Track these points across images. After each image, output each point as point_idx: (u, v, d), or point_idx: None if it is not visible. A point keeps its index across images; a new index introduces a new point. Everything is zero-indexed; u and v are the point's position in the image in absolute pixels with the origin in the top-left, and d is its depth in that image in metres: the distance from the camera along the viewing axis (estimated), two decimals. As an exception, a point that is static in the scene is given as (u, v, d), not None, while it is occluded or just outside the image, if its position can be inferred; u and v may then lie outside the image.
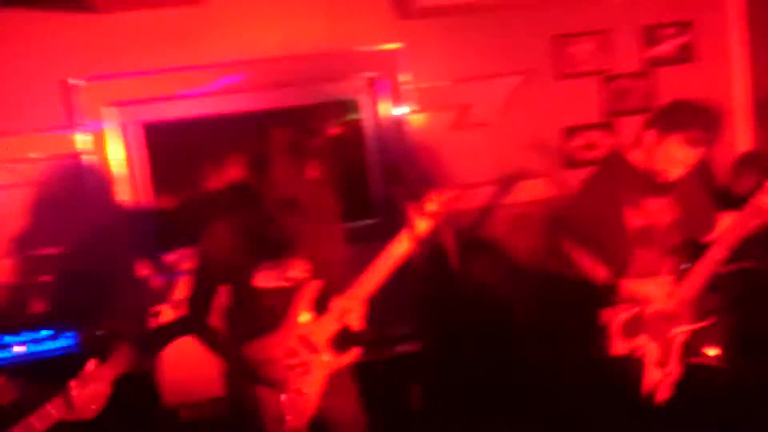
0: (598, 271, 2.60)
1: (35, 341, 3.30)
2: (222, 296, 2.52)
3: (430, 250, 2.42)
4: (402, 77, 4.09)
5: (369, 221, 4.09)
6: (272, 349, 2.42)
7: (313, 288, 2.45)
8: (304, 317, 2.45)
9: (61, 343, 3.32)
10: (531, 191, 4.21)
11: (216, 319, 2.52)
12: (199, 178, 4.00)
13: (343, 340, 2.49)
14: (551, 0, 4.14)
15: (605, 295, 2.61)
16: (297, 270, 2.47)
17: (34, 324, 3.38)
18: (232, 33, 3.90)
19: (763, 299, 3.46)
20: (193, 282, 2.51)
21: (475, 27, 4.16)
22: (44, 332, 3.34)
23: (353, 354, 2.50)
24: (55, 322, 3.39)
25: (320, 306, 2.46)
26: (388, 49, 4.06)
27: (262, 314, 2.44)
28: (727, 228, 2.64)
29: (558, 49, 4.28)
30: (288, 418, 2.34)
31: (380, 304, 2.54)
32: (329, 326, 2.45)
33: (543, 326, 3.65)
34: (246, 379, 2.44)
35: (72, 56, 3.73)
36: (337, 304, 2.43)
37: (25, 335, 3.31)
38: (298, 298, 2.44)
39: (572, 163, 4.34)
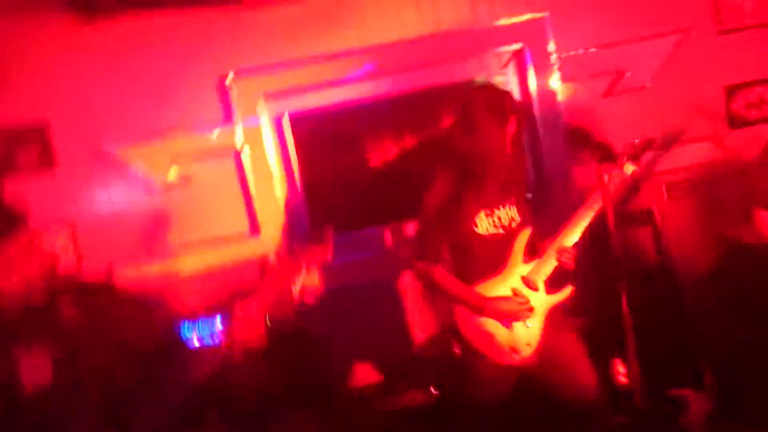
0: None
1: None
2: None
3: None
4: (549, 47, 3.94)
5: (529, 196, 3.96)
6: (497, 288, 2.71)
7: (526, 233, 2.76)
8: (523, 259, 2.76)
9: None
10: (695, 155, 3.97)
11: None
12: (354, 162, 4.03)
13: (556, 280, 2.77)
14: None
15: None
16: (510, 217, 2.79)
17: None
18: (372, 17, 3.89)
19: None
20: (421, 232, 2.81)
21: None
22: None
23: (568, 291, 2.76)
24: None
25: (531, 249, 2.78)
26: (532, 19, 3.92)
27: (484, 258, 2.74)
28: None
29: (719, 1, 3.99)
30: (518, 350, 2.66)
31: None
32: (546, 267, 2.74)
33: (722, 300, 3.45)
34: (475, 314, 2.68)
35: (222, 53, 3.82)
36: (551, 246, 2.73)
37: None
38: (516, 242, 2.74)
39: (738, 123, 4.04)
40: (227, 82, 3.79)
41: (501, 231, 2.77)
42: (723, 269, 3.36)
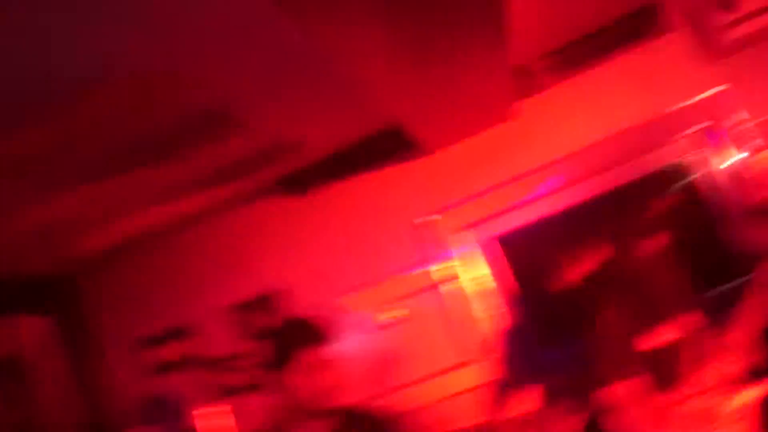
0: None
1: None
2: None
3: None
4: (731, 121, 3.83)
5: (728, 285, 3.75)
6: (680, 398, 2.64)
7: (692, 344, 2.72)
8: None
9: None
10: None
11: None
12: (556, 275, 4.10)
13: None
14: None
15: None
16: (667, 331, 2.77)
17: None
18: (545, 135, 4.05)
19: None
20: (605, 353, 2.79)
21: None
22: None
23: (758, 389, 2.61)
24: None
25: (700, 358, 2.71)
26: (709, 96, 3.85)
27: (660, 372, 2.68)
28: None
29: None
30: None
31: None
32: (722, 368, 2.66)
33: None
34: None
35: (414, 198, 4.18)
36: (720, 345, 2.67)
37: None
38: (684, 352, 2.71)
39: None
40: (418, 222, 4.12)
41: (664, 344, 2.78)
42: None
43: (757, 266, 2.66)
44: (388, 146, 3.95)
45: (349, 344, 4.14)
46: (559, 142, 4.03)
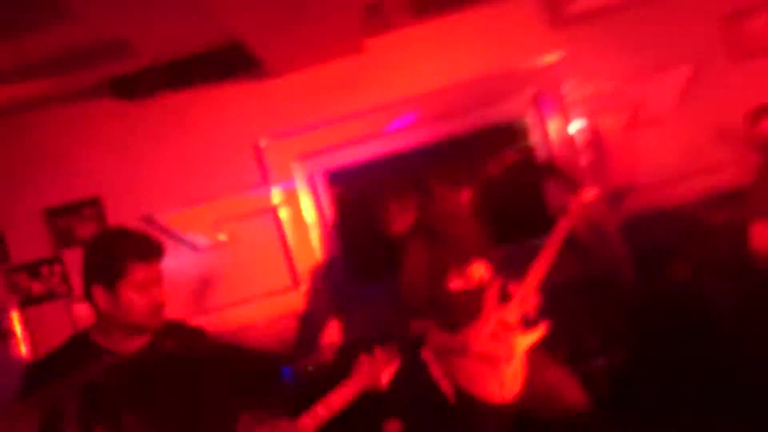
0: None
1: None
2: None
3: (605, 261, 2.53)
4: (566, 87, 4.07)
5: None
6: (477, 335, 2.88)
7: (496, 283, 2.94)
8: (497, 306, 2.92)
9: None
10: (721, 181, 3.99)
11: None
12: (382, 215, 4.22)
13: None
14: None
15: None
16: (481, 271, 2.98)
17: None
18: (392, 74, 4.12)
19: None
20: (407, 295, 3.00)
21: (635, 22, 4.05)
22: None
23: (542, 329, 2.91)
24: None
25: (502, 295, 2.95)
26: (548, 62, 4.07)
27: (461, 311, 2.93)
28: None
29: (728, 29, 4.05)
30: (506, 387, 2.80)
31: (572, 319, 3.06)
32: (516, 310, 2.91)
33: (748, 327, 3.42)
34: (462, 364, 2.86)
35: (256, 120, 4.11)
36: (518, 292, 2.92)
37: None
38: (488, 292, 2.91)
39: (763, 146, 4.03)
40: (261, 145, 4.08)
41: (472, 285, 2.98)
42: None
43: (554, 225, 2.89)
44: (232, 62, 3.83)
45: (175, 261, 4.09)
46: (403, 83, 4.11)
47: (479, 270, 3.02)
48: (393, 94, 4.11)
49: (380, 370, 2.55)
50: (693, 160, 4.03)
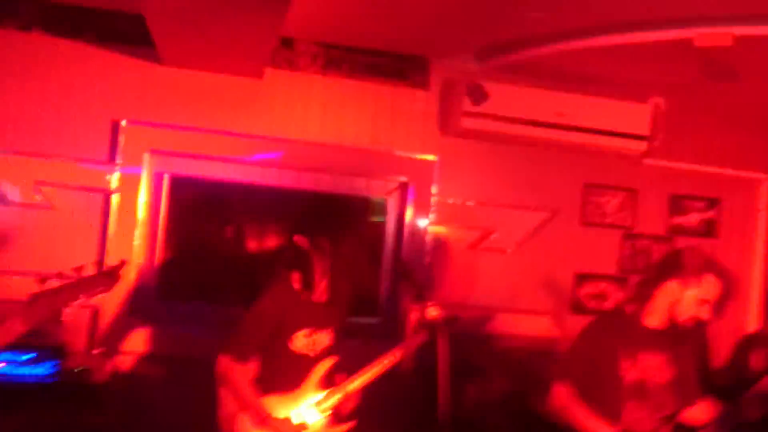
0: (593, 425, 2.55)
1: (16, 363, 3.28)
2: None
3: (424, 363, 2.54)
4: (434, 188, 4.19)
5: (373, 319, 4.11)
6: (285, 406, 2.80)
7: (329, 362, 2.86)
8: (318, 386, 2.85)
9: (40, 370, 3.30)
10: (535, 327, 4.23)
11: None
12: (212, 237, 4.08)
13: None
14: (587, 151, 4.24)
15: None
16: (323, 340, 2.89)
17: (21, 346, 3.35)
18: (280, 111, 4.04)
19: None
20: (245, 327, 2.84)
21: (513, 157, 4.30)
22: (26, 356, 3.31)
23: (348, 426, 2.89)
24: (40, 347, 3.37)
25: (329, 379, 2.88)
26: (425, 159, 4.18)
27: (286, 374, 2.84)
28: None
29: (587, 196, 4.40)
30: None
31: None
32: (332, 402, 2.84)
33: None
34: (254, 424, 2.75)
35: (127, 98, 3.86)
36: (342, 384, 2.85)
37: (6, 355, 3.29)
38: (317, 368, 2.83)
39: (579, 309, 4.35)
40: (122, 123, 3.82)
41: (311, 353, 2.87)
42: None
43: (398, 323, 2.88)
44: (132, 30, 3.59)
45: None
46: (285, 124, 4.05)
47: (325, 340, 2.91)
48: (271, 129, 4.03)
49: None
50: (519, 298, 4.25)
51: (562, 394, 2.58)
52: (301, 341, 2.85)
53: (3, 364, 3.27)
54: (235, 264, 4.16)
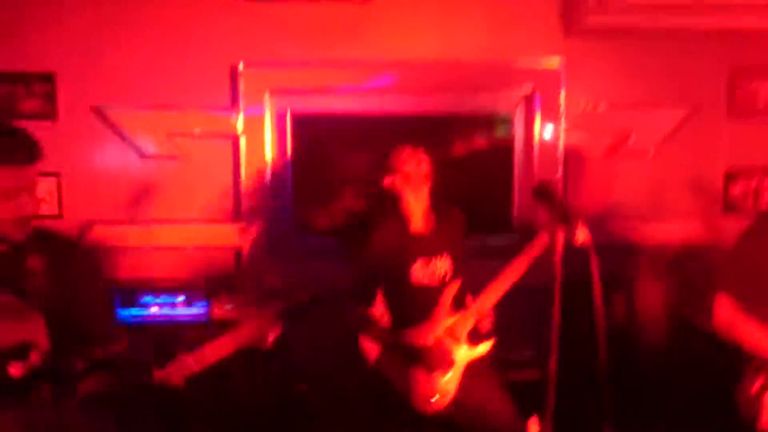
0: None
1: (170, 305, 3.47)
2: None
3: (575, 282, 2.43)
4: (562, 95, 3.95)
5: (507, 236, 3.99)
6: (423, 337, 2.73)
7: (455, 286, 2.77)
8: (450, 311, 2.77)
9: (192, 311, 3.47)
10: (684, 232, 3.96)
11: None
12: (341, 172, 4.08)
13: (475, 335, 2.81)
14: (731, 33, 3.84)
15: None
16: (444, 269, 2.88)
17: (172, 289, 3.54)
18: (392, 34, 3.92)
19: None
20: (357, 274, 2.87)
21: (644, 52, 3.95)
22: (179, 298, 3.50)
23: (488, 345, 2.80)
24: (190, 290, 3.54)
25: (459, 302, 2.80)
26: (551, 66, 3.93)
27: (415, 307, 2.80)
28: None
29: (734, 84, 3.99)
30: (434, 397, 2.69)
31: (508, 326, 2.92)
32: (467, 322, 2.75)
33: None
34: (399, 360, 2.76)
35: (240, 41, 3.86)
36: (472, 305, 2.74)
37: (162, 298, 3.48)
38: (445, 294, 2.76)
39: (732, 209, 4.03)
40: (239, 68, 3.85)
41: (434, 281, 2.85)
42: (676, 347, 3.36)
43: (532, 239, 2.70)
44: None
45: (118, 162, 3.85)
46: (399, 46, 3.92)
47: (444, 266, 2.89)
48: (386, 54, 3.91)
49: (268, 330, 2.31)
50: (665, 203, 3.98)
51: (726, 307, 2.37)
52: (420, 272, 2.85)
53: (157, 308, 3.48)
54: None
